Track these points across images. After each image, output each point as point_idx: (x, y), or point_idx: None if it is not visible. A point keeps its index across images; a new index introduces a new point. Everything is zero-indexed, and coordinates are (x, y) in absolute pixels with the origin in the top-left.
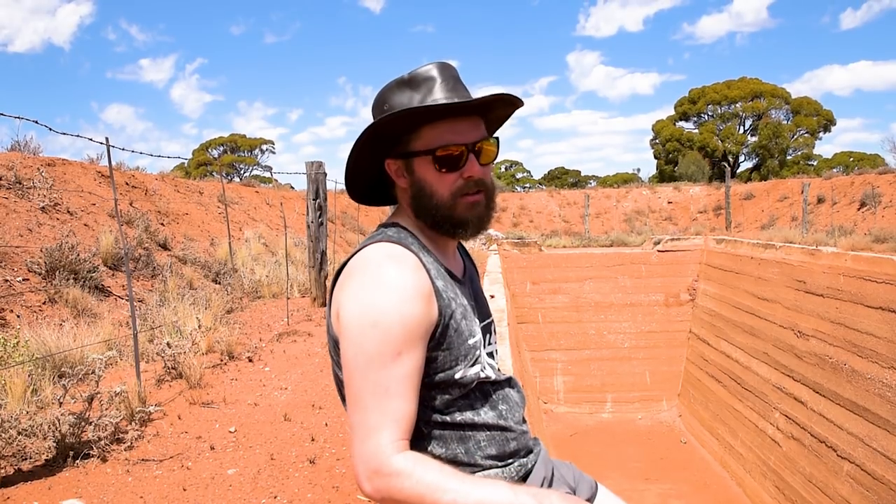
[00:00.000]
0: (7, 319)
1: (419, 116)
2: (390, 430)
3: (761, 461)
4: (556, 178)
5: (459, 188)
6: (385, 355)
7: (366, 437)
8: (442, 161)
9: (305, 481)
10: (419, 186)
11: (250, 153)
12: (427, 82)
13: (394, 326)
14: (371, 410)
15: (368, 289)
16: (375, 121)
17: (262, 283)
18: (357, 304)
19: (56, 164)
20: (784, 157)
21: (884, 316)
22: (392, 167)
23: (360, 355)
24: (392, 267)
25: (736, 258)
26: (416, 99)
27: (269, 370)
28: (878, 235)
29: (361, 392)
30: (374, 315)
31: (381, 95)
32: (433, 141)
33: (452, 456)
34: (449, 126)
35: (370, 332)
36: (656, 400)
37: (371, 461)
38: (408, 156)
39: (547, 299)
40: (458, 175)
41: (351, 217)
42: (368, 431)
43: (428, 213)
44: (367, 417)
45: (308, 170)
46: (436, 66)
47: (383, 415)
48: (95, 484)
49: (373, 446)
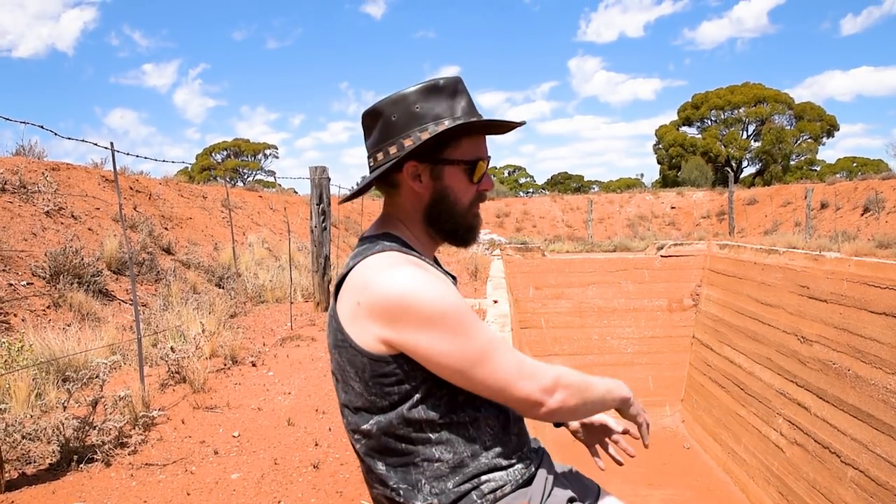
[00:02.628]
0: (11, 323)
1: (468, 128)
2: (529, 360)
3: (765, 467)
4: (560, 183)
5: (475, 199)
6: (471, 324)
7: (522, 370)
8: (475, 172)
9: (309, 486)
10: (444, 193)
11: (254, 158)
12: (457, 94)
13: (455, 304)
14: (503, 361)
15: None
16: (449, 127)
17: (265, 287)
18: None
19: (60, 168)
20: (787, 163)
21: (888, 321)
22: (411, 170)
23: (458, 337)
24: (412, 268)
25: (739, 263)
26: (458, 108)
27: (272, 375)
28: (882, 241)
29: (486, 353)
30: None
31: (409, 97)
32: (471, 152)
33: (459, 460)
34: (480, 141)
35: (446, 321)
36: (659, 405)
37: (544, 380)
38: (440, 162)
39: (550, 304)
40: (476, 187)
41: (354, 222)
42: (521, 364)
43: (447, 218)
44: (506, 366)
45: (312, 174)
46: (457, 79)
47: (512, 356)
48: (99, 488)
49: (539, 370)
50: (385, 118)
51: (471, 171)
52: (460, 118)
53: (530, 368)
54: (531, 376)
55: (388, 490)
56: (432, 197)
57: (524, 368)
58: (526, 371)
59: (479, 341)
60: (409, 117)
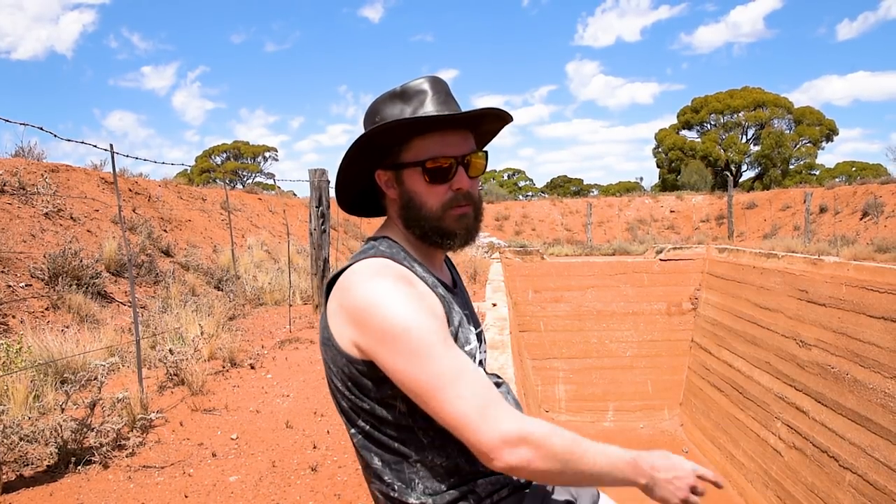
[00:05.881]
0: (10, 325)
1: (410, 128)
2: (497, 400)
3: (763, 471)
4: (559, 186)
5: (448, 200)
6: (438, 345)
7: (481, 415)
8: (431, 173)
9: (307, 489)
10: (408, 198)
11: (253, 160)
12: (419, 95)
13: (427, 322)
14: (464, 394)
15: (385, 303)
16: (367, 131)
17: (264, 290)
18: (383, 320)
19: (60, 170)
20: (786, 167)
21: (886, 326)
22: (382, 178)
23: (419, 360)
24: (392, 278)
25: (738, 267)
26: (408, 111)
27: (271, 377)
28: (881, 245)
29: (443, 386)
30: (404, 322)
31: (374, 107)
32: (423, 153)
33: (453, 465)
34: (439, 139)
35: (412, 337)
36: (658, 409)
37: (509, 433)
38: (398, 167)
39: (549, 307)
40: (447, 187)
41: (354, 225)
42: (480, 409)
43: (417, 223)
44: (467, 401)
45: (311, 177)
46: (427, 79)
47: (477, 388)
48: (97, 490)
49: (498, 419)
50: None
51: (428, 172)
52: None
53: (494, 412)
54: (493, 421)
55: (384, 486)
56: (402, 202)
57: (487, 410)
58: (488, 413)
59: (439, 368)
60: (371, 125)
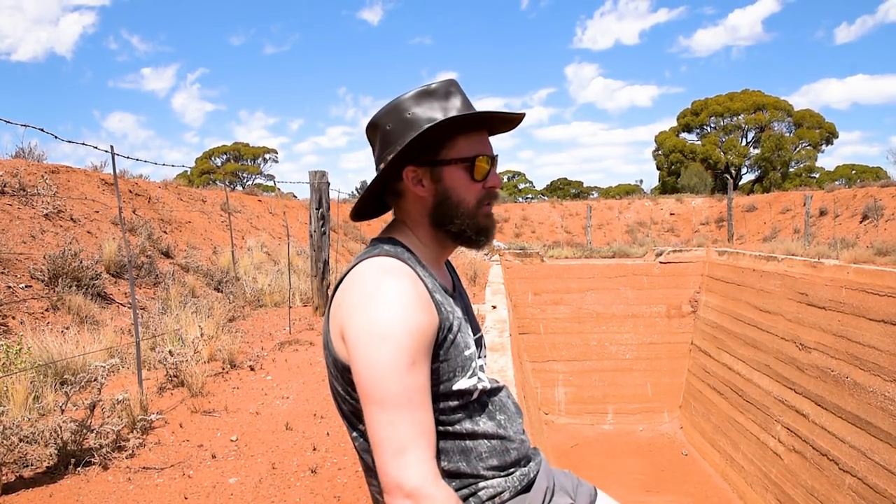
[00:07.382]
0: (10, 326)
1: (460, 125)
2: (422, 449)
3: (763, 474)
4: (559, 188)
5: (482, 198)
6: (401, 366)
7: (398, 453)
8: (478, 170)
9: (307, 491)
10: (446, 195)
11: (253, 162)
12: (450, 95)
13: (403, 337)
14: (398, 424)
15: (372, 303)
16: (425, 128)
17: (264, 291)
18: (363, 320)
19: (60, 171)
20: (786, 170)
21: (886, 329)
22: (411, 175)
23: (375, 370)
24: (391, 280)
25: (738, 270)
26: (450, 108)
27: (270, 379)
28: (881, 248)
29: (384, 406)
30: (382, 329)
31: (401, 104)
32: (468, 150)
33: (455, 468)
34: (479, 138)
35: (381, 346)
36: (658, 412)
37: (406, 483)
38: (438, 163)
39: (549, 310)
40: (482, 185)
41: (353, 226)
42: (401, 447)
43: (452, 220)
44: (397, 432)
45: (311, 179)
46: (450, 81)
47: (412, 427)
48: (96, 491)
49: (409, 466)
50: (382, 129)
51: (471, 168)
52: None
53: (410, 458)
54: (402, 465)
55: None
56: (435, 200)
57: (405, 452)
58: (404, 456)
59: (388, 386)
60: (403, 125)
